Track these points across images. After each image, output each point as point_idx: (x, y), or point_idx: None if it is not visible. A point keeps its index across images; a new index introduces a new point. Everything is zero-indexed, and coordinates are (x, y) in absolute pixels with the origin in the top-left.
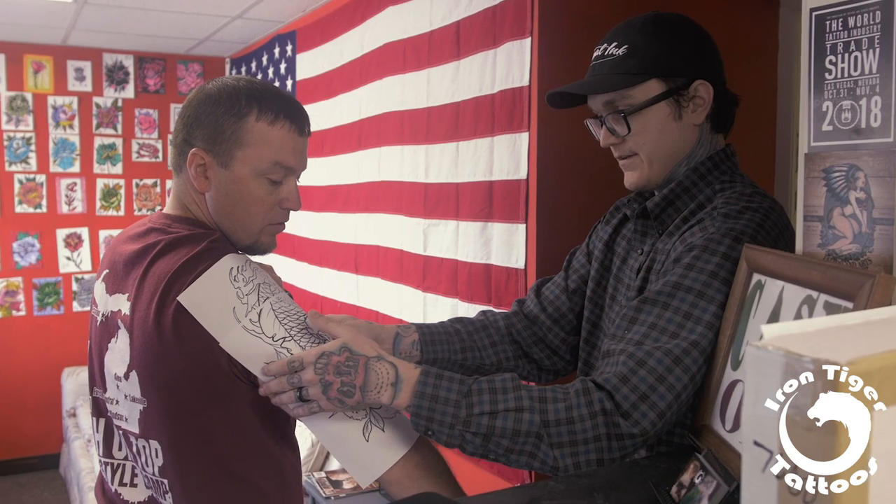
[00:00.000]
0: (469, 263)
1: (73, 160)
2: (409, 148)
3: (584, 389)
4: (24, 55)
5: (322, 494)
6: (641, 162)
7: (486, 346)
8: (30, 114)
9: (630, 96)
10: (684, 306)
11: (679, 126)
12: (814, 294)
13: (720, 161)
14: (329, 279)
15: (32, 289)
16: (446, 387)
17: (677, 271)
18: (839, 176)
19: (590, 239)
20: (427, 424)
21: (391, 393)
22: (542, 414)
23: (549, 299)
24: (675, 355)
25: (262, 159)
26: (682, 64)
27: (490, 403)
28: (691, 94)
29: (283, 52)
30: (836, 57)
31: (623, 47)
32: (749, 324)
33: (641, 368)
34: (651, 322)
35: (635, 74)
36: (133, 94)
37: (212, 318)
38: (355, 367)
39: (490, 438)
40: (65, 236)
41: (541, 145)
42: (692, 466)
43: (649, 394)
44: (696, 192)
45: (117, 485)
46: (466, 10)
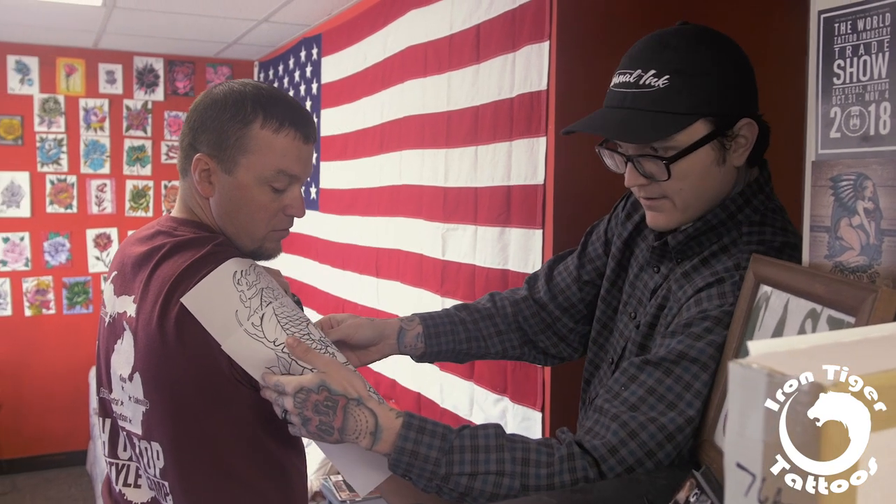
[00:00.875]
0: (486, 269)
1: (104, 161)
2: (430, 152)
3: (569, 455)
4: (57, 58)
5: (338, 498)
6: (672, 206)
7: (491, 336)
8: (62, 116)
9: (673, 139)
10: (686, 376)
11: (721, 171)
12: (818, 308)
13: (751, 196)
14: (350, 282)
15: (62, 288)
16: (427, 443)
17: (685, 340)
18: (847, 185)
19: (608, 224)
20: (406, 473)
21: (370, 441)
22: (522, 478)
23: (559, 287)
24: (669, 431)
25: (266, 167)
26: (730, 100)
27: (471, 464)
28: (735, 134)
29: (308, 55)
30: (845, 61)
31: (664, 77)
32: (755, 336)
33: (632, 441)
34: (650, 386)
35: (682, 115)
36: (163, 97)
37: (214, 320)
38: (333, 409)
39: (468, 496)
40: (94, 236)
41: (558, 150)
42: (688, 484)
43: (636, 468)
44: (722, 232)
45: (121, 485)
46: (487, 13)
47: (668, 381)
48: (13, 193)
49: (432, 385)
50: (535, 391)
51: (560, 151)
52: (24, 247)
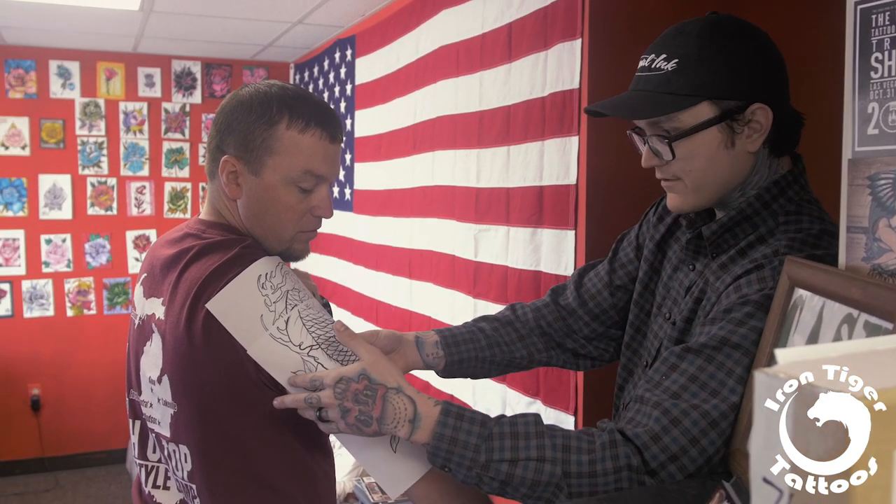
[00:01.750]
0: (519, 270)
1: (143, 164)
2: (462, 152)
3: (610, 442)
4: (98, 62)
5: (370, 500)
6: (685, 187)
7: (513, 341)
8: (102, 119)
9: (677, 119)
10: (729, 363)
11: (731, 154)
12: (854, 312)
13: (786, 186)
14: (384, 283)
15: (103, 288)
16: (466, 429)
17: (726, 325)
18: (886, 183)
19: (640, 229)
20: (445, 463)
21: (409, 429)
22: (563, 465)
23: (590, 293)
24: (713, 418)
25: (293, 167)
26: (739, 84)
27: (511, 450)
28: (747, 119)
29: (343, 56)
30: (883, 54)
31: (673, 61)
32: (790, 341)
33: (675, 428)
34: (692, 374)
35: (685, 96)
36: (200, 100)
37: (240, 325)
38: (373, 398)
39: (508, 484)
40: (134, 238)
41: (590, 150)
42: (718, 495)
43: (680, 455)
44: (758, 222)
45: (151, 487)
46: (518, 12)
47: (710, 367)
48: (55, 196)
49: (465, 387)
50: (567, 394)
51: (593, 151)
52: (66, 248)
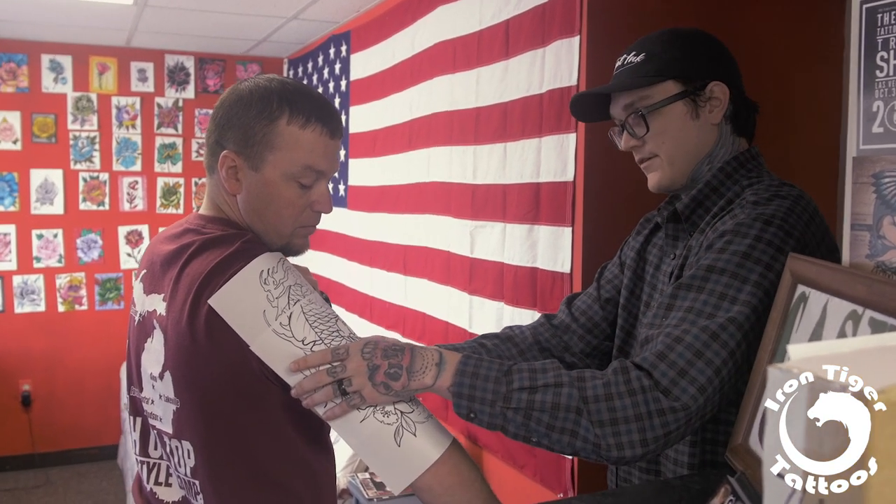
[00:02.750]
0: (515, 266)
1: (135, 159)
2: (458, 149)
3: (621, 368)
4: (90, 57)
5: (365, 496)
6: (662, 162)
7: (514, 356)
8: (94, 114)
9: (648, 97)
10: (718, 287)
11: (697, 125)
12: (859, 309)
13: (745, 161)
14: (378, 279)
15: (94, 284)
16: (487, 366)
17: (710, 255)
18: (890, 181)
19: (621, 252)
20: (469, 404)
21: (435, 373)
22: (580, 390)
23: (580, 309)
24: (712, 331)
25: (293, 163)
26: (698, 67)
27: (529, 379)
28: (708, 95)
29: (337, 52)
30: (889, 53)
31: (641, 55)
32: (792, 338)
33: (678, 345)
34: (687, 306)
35: (652, 76)
36: (193, 95)
37: (242, 321)
38: (402, 350)
39: (531, 414)
40: (126, 233)
41: (588, 147)
42: (723, 490)
43: (688, 369)
44: (724, 191)
45: (153, 484)
46: (516, 9)
47: (702, 296)
48: (47, 191)
49: None
50: None
51: (590, 148)
52: (58, 244)
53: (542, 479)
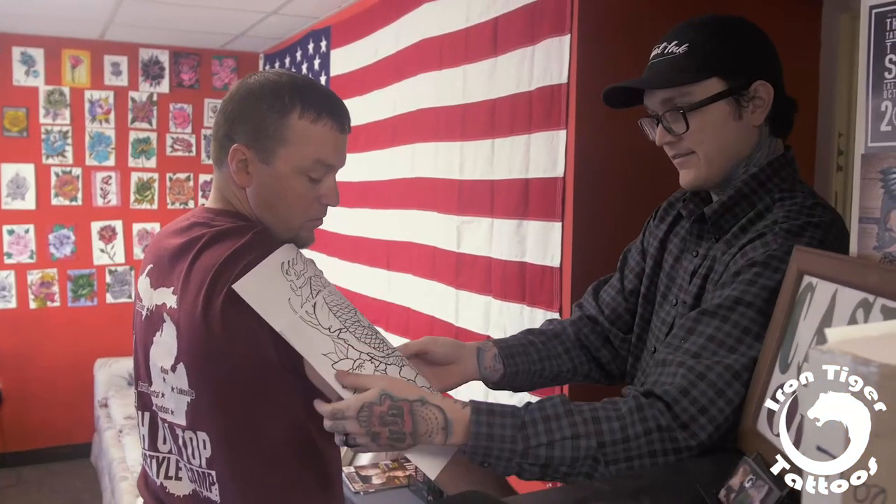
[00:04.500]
0: (503, 261)
1: (109, 154)
2: (444, 145)
3: (637, 407)
4: (63, 50)
5: (351, 489)
6: (699, 160)
7: (560, 354)
8: (67, 108)
9: (690, 93)
10: (744, 321)
11: (738, 126)
12: (870, 297)
13: (780, 167)
14: (360, 275)
15: (67, 280)
16: (500, 423)
17: (738, 286)
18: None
19: (644, 236)
20: (484, 459)
21: (443, 436)
22: (597, 436)
23: (605, 301)
24: (735, 370)
25: (305, 157)
26: (743, 64)
27: (546, 434)
28: (751, 95)
29: (317, 47)
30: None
31: (683, 45)
32: (799, 326)
33: (701, 382)
34: (709, 334)
35: (696, 71)
36: (168, 89)
37: (269, 306)
38: (401, 415)
39: (549, 467)
40: (99, 229)
41: (578, 143)
42: (742, 470)
43: (709, 407)
44: (755, 200)
45: (162, 478)
46: (505, 7)
47: (727, 327)
48: (18, 186)
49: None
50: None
51: (581, 144)
52: (29, 239)
53: None
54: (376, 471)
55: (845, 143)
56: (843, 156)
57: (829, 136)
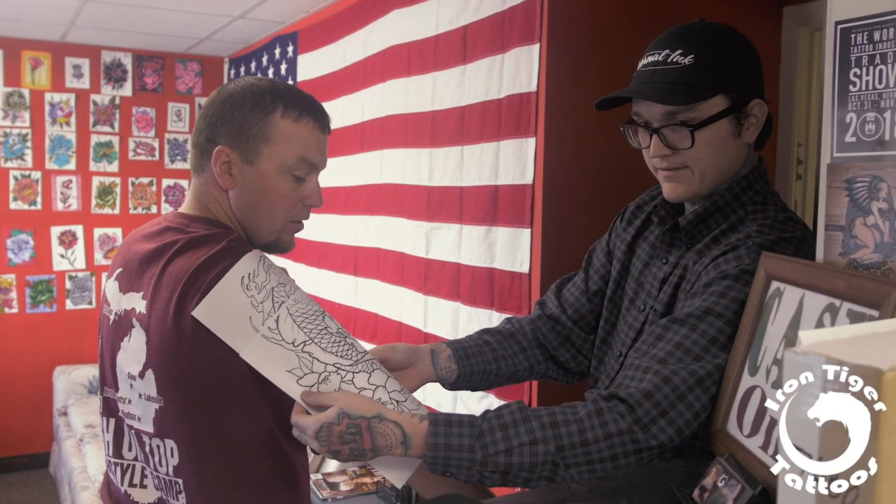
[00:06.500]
0: (472, 267)
1: (70, 157)
2: (413, 151)
3: (596, 411)
4: (22, 51)
5: (319, 496)
6: (692, 176)
7: (516, 353)
8: (26, 110)
9: (696, 109)
10: (712, 331)
11: (736, 144)
12: (836, 302)
13: (754, 180)
14: (327, 281)
15: (25, 286)
16: (457, 433)
17: (708, 297)
18: (861, 186)
19: (610, 237)
20: (445, 469)
21: (403, 450)
22: (555, 440)
23: (568, 301)
24: (699, 376)
25: (288, 155)
26: (745, 81)
27: (504, 441)
28: (748, 113)
29: (283, 52)
30: (861, 70)
31: (689, 56)
32: (767, 330)
33: (666, 385)
34: (677, 342)
35: (706, 88)
36: (131, 93)
37: (229, 330)
38: (359, 433)
39: (509, 472)
40: (59, 234)
41: (547, 151)
42: (714, 470)
43: (669, 410)
44: (728, 213)
45: (127, 485)
46: (474, 15)
47: (694, 335)
48: None
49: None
50: (520, 387)
51: (550, 152)
52: None
53: None
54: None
55: (804, 152)
56: (803, 165)
57: (788, 145)
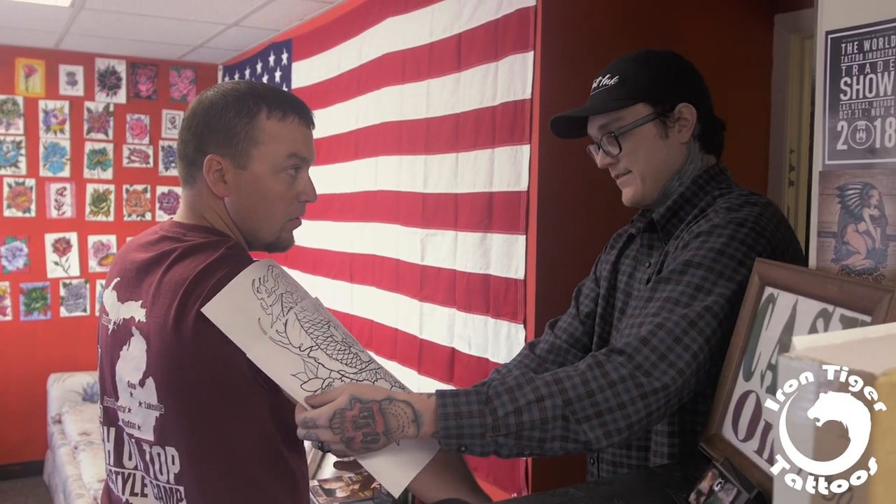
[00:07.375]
0: (468, 273)
1: (64, 165)
2: (408, 158)
3: (595, 363)
4: (16, 59)
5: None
6: (635, 178)
7: None
8: (20, 117)
9: (621, 118)
10: (695, 280)
11: (666, 144)
12: (829, 308)
13: (715, 174)
14: (322, 287)
15: (19, 293)
16: (465, 401)
17: (687, 253)
18: (853, 193)
19: (596, 269)
20: (458, 441)
21: (415, 429)
22: (562, 394)
23: (562, 328)
24: (691, 318)
25: (279, 154)
26: (667, 89)
27: (511, 402)
28: (676, 116)
29: (278, 60)
30: (852, 79)
31: (615, 77)
32: (762, 335)
33: (660, 331)
34: (665, 296)
35: (623, 99)
36: (125, 100)
37: (238, 330)
38: (372, 416)
39: (522, 434)
40: (53, 241)
41: (542, 157)
42: (710, 474)
43: (667, 353)
44: (696, 201)
45: (128, 494)
46: (468, 23)
47: (680, 287)
48: None
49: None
50: None
51: (544, 159)
52: None
53: (495, 480)
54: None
55: (796, 159)
56: (795, 171)
57: (780, 152)
